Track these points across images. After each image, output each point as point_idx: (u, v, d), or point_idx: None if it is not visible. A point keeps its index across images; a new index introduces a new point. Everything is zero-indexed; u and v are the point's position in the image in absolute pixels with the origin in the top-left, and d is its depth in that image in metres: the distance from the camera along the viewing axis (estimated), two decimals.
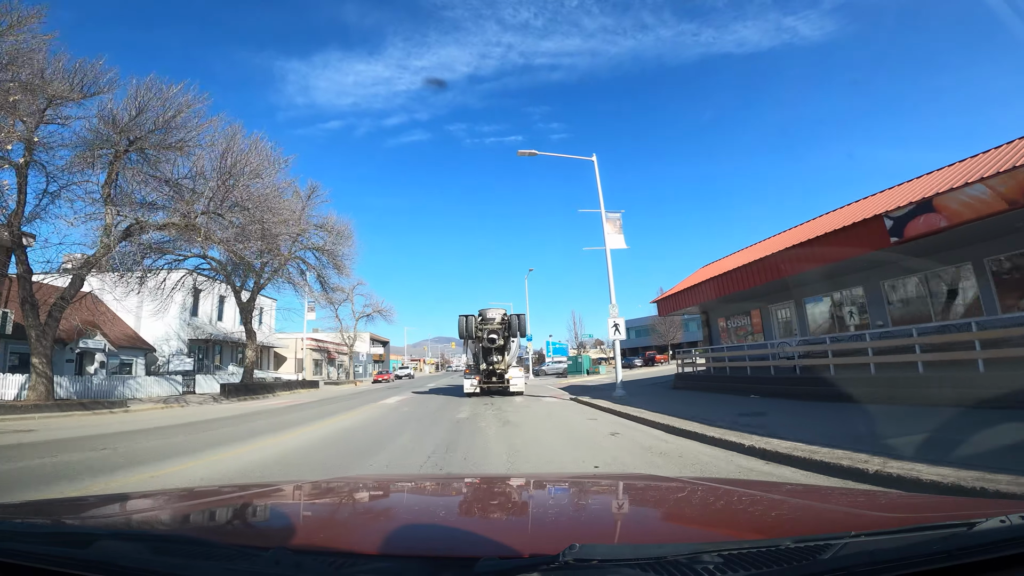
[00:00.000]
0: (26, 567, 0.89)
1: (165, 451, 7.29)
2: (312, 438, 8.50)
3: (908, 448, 4.61)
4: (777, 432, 6.12)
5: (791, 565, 0.75)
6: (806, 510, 1.41)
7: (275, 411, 15.12)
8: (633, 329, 63.03)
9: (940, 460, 3.99)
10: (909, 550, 0.79)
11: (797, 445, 5.24)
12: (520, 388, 17.55)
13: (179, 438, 8.86)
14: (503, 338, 16.63)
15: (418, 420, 10.74)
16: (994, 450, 4.33)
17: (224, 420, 12.37)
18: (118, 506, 1.65)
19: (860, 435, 5.56)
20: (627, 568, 0.74)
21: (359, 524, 1.43)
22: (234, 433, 9.44)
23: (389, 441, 7.68)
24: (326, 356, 51.64)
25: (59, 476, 5.41)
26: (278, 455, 6.75)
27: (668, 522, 1.42)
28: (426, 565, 0.87)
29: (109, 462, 6.35)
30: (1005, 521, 0.83)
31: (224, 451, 7.20)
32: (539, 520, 1.41)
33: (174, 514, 1.53)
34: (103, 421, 12.95)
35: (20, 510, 1.62)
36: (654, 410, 9.63)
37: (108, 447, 7.67)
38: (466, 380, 18.04)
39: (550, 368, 43.31)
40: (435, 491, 2.01)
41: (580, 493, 1.87)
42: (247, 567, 0.84)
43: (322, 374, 50.65)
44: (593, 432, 7.98)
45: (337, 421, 11.24)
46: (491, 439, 7.49)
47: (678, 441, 6.79)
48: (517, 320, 16.77)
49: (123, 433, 9.73)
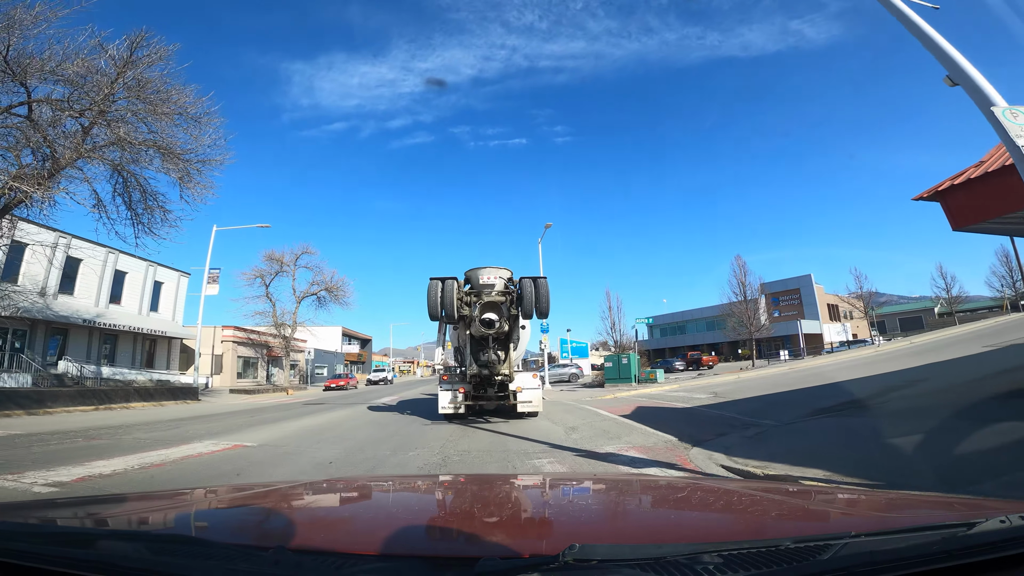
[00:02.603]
0: (26, 567, 0.89)
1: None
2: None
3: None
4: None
5: (791, 565, 0.75)
6: (806, 510, 1.40)
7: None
8: (659, 328, 57.73)
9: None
10: (909, 550, 0.79)
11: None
12: (535, 407, 10.70)
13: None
14: (507, 319, 9.69)
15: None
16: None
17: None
18: (118, 506, 1.65)
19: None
20: (627, 568, 0.74)
21: (359, 524, 1.42)
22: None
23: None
24: (265, 353, 37.75)
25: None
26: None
27: (668, 522, 1.42)
28: (426, 565, 0.87)
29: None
30: (1005, 521, 0.83)
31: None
32: (539, 520, 1.41)
33: (174, 514, 1.53)
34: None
35: (20, 510, 1.62)
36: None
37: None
38: (442, 391, 10.51)
39: (553, 373, 31.41)
40: (435, 491, 2.00)
41: (580, 493, 1.87)
42: (247, 567, 0.84)
43: (257, 376, 37.96)
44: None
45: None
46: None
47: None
48: (532, 288, 9.40)
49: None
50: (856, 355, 27.39)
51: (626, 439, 7.66)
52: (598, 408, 12.95)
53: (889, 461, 4.89)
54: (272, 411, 15.73)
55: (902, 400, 9.42)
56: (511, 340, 10.31)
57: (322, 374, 46.30)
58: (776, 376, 20.53)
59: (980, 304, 54.84)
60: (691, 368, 38.56)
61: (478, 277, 10.15)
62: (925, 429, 5.85)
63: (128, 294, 26.50)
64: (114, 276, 25.44)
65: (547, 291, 9.56)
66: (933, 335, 31.77)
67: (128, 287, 26.55)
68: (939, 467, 4.44)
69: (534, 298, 9.40)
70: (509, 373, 10.36)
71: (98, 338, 24.38)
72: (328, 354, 51.83)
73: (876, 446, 5.55)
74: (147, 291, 27.73)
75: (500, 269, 10.31)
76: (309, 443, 8.25)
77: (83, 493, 5.32)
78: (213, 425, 11.35)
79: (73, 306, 22.60)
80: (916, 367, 14.37)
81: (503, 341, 10.22)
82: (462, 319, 9.85)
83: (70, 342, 22.88)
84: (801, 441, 6.44)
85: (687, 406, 12.50)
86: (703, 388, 18.10)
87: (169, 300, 29.59)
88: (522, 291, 9.54)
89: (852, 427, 7.04)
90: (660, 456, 6.24)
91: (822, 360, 28.70)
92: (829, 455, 5.30)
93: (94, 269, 24.06)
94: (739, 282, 36.43)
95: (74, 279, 23.30)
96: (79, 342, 23.33)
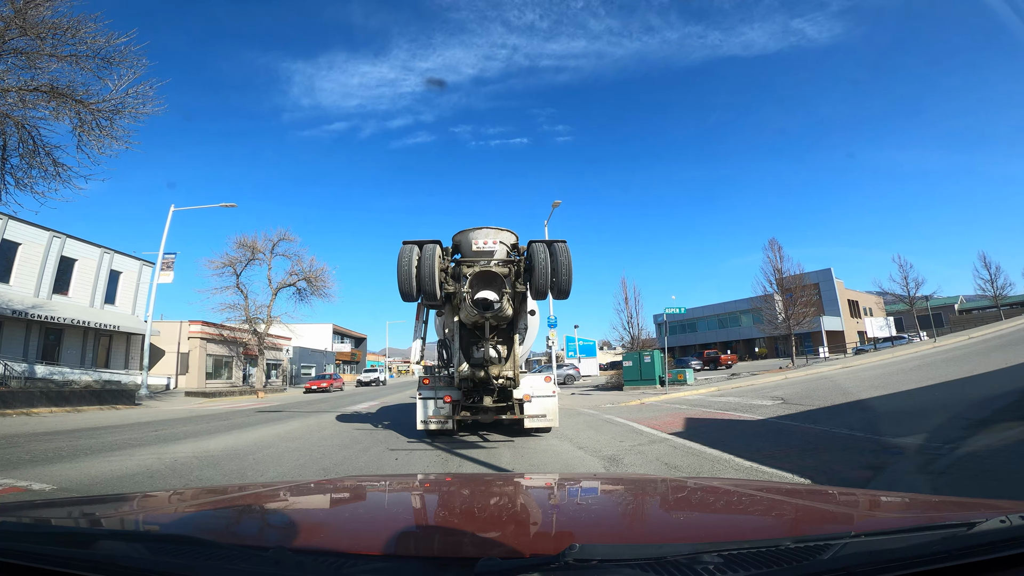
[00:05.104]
0: (26, 567, 0.89)
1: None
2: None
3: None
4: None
5: (791, 565, 0.75)
6: (806, 510, 1.40)
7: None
8: (668, 325, 56.50)
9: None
10: (909, 550, 0.79)
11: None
12: (549, 421, 8.03)
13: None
14: (510, 299, 7.02)
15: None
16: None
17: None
18: (118, 506, 1.65)
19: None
20: (627, 568, 0.74)
21: (360, 524, 1.42)
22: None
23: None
24: (241, 351, 34.02)
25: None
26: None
27: (668, 522, 1.42)
28: (427, 565, 0.87)
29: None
30: (1005, 521, 0.83)
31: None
32: (540, 520, 1.41)
33: (174, 514, 1.53)
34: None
35: (20, 510, 1.62)
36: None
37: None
38: (421, 399, 8.02)
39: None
40: (435, 491, 2.00)
41: (581, 493, 1.87)
42: (247, 567, 0.84)
43: (232, 376, 34.73)
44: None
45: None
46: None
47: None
48: (546, 255, 6.71)
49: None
50: (910, 352, 24.06)
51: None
52: (630, 420, 10.21)
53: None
54: (199, 422, 12.43)
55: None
56: (515, 329, 7.67)
57: (310, 374, 41.99)
58: (836, 375, 17.57)
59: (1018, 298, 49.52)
60: (708, 367, 35.72)
61: (470, 241, 7.30)
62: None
63: (77, 284, 23.79)
64: (59, 263, 22.68)
65: (569, 259, 6.77)
66: (991, 329, 29.27)
67: (77, 276, 23.82)
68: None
69: (549, 269, 6.61)
70: (513, 375, 7.51)
71: (38, 333, 21.36)
72: (316, 353, 48.69)
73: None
74: (101, 281, 24.85)
75: (501, 231, 7.43)
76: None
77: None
78: (44, 447, 8.12)
79: (6, 296, 19.85)
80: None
81: (505, 330, 7.67)
82: (448, 299, 7.12)
83: (3, 337, 20.08)
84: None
85: (757, 417, 9.70)
86: (753, 392, 15.34)
87: (128, 292, 26.52)
88: (532, 260, 6.77)
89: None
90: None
91: (877, 357, 24.38)
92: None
93: (35, 254, 21.41)
94: (775, 270, 31.32)
95: (10, 266, 20.61)
96: (15, 337, 20.45)
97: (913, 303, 40.74)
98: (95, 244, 25.11)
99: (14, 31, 10.90)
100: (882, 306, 48.32)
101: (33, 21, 10.93)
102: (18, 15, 10.79)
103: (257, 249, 29.30)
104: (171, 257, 24.12)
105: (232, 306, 28.80)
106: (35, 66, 11.44)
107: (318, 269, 30.68)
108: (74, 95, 11.89)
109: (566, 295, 6.93)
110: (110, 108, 12.23)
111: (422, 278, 6.78)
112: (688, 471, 5.67)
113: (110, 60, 11.94)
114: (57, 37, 11.33)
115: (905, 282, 40.30)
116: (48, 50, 11.26)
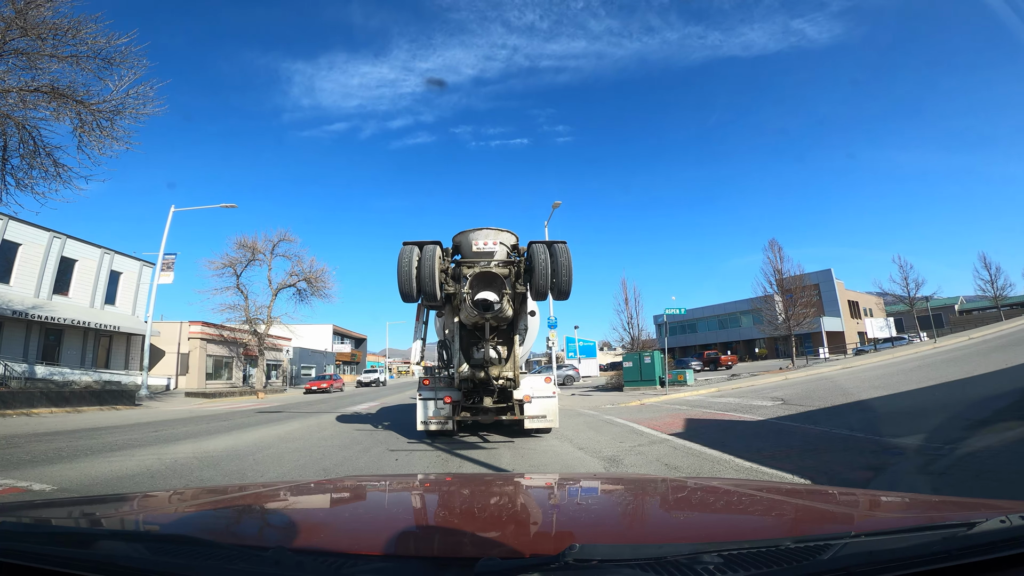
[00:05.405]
0: (26, 567, 0.89)
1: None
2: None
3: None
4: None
5: (791, 565, 0.75)
6: (806, 510, 1.40)
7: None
8: (667, 325, 56.35)
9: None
10: (909, 550, 0.79)
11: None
12: (549, 422, 8.20)
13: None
14: (511, 300, 7.19)
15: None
16: None
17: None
18: (118, 506, 1.65)
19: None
20: (627, 568, 0.74)
21: (360, 524, 1.42)
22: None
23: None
24: (241, 352, 34.24)
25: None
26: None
27: (668, 522, 1.42)
28: (427, 565, 0.87)
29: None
30: (1005, 521, 0.83)
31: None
32: (540, 520, 1.41)
33: (174, 514, 1.53)
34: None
35: (20, 510, 1.62)
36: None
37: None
38: (421, 400, 8.16)
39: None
40: (435, 491, 2.00)
41: (581, 493, 1.87)
42: (247, 567, 0.84)
43: (232, 377, 34.95)
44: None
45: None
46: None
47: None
48: (547, 256, 6.88)
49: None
50: (910, 353, 24.13)
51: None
52: (630, 421, 10.42)
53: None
54: (199, 423, 12.50)
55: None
56: (515, 330, 7.86)
57: (310, 375, 42.25)
58: (836, 376, 17.54)
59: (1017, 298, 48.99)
60: (708, 368, 35.60)
61: (470, 242, 7.51)
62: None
63: (78, 284, 23.97)
64: (60, 263, 22.86)
65: (569, 260, 6.97)
66: (991, 330, 29.43)
67: (78, 277, 24.01)
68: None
69: (549, 269, 6.80)
70: (513, 376, 7.65)
71: (38, 333, 21.56)
72: (317, 353, 48.85)
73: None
74: (101, 282, 25.05)
75: (501, 232, 7.65)
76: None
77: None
78: (44, 447, 8.16)
79: (6, 296, 19.97)
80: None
81: (505, 331, 7.85)
82: (448, 300, 7.35)
83: (3, 338, 20.20)
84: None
85: (757, 418, 9.81)
86: (753, 392, 15.40)
87: (128, 292, 26.68)
88: (532, 261, 6.97)
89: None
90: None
91: (877, 358, 24.50)
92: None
93: (35, 255, 21.59)
94: (775, 270, 31.55)
95: (10, 266, 20.72)
96: (15, 338, 20.59)
97: (913, 304, 40.63)
98: (95, 245, 25.18)
99: (15, 32, 10.99)
100: (882, 307, 48.34)
101: (34, 22, 11.01)
102: (19, 16, 10.88)
103: (257, 250, 29.33)
104: (171, 258, 24.16)
105: (232, 307, 28.83)
106: (36, 67, 11.51)
107: (318, 270, 30.76)
108: (75, 96, 11.94)
109: (566, 296, 7.09)
110: (110, 109, 12.29)
111: (422, 279, 6.93)
112: (688, 471, 5.71)
113: (111, 61, 12.06)
114: (58, 38, 11.43)
115: (905, 283, 40.19)
116: (49, 51, 11.35)
